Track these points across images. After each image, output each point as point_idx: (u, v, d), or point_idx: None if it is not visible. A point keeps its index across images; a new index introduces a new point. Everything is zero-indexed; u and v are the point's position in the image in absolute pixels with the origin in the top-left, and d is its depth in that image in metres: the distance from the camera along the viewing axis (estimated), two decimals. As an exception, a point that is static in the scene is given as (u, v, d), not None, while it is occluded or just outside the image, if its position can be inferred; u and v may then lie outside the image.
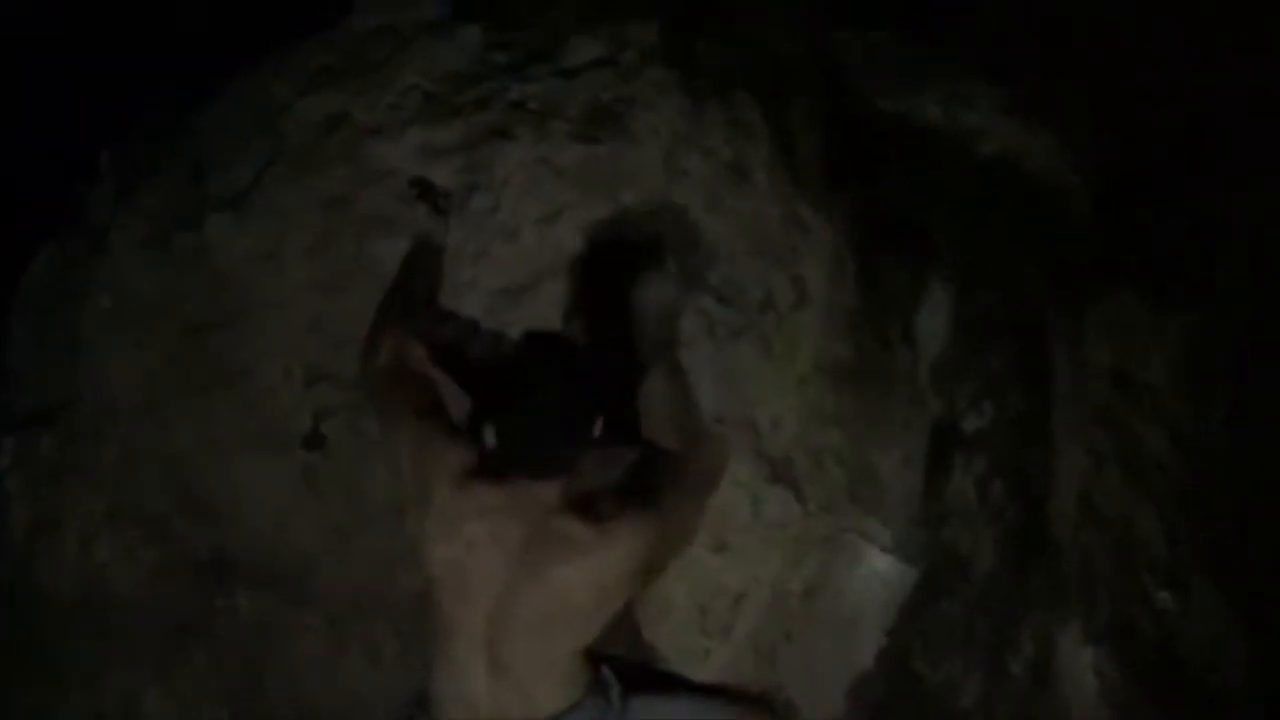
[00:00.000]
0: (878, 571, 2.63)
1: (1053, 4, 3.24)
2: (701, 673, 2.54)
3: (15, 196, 3.13)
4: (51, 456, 2.78)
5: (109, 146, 3.02)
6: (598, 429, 2.03)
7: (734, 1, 2.82)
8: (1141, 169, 3.22)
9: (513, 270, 2.47)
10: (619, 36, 2.55)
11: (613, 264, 2.38)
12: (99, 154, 3.03)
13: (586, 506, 1.95)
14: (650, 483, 2.01)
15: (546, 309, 2.45)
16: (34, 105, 3.43)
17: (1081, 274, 3.12)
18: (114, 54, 3.28)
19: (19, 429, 2.82)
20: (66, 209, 3.03)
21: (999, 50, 3.11)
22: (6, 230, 3.05)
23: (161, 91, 2.97)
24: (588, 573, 1.92)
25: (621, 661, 2.18)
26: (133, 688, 2.74)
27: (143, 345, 2.69)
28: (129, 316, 2.71)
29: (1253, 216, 3.30)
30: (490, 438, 2.05)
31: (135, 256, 2.71)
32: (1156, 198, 3.32)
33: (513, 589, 1.94)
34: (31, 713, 2.82)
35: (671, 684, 2.40)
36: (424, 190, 2.44)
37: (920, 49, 3.11)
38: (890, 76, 3.03)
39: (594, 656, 2.10)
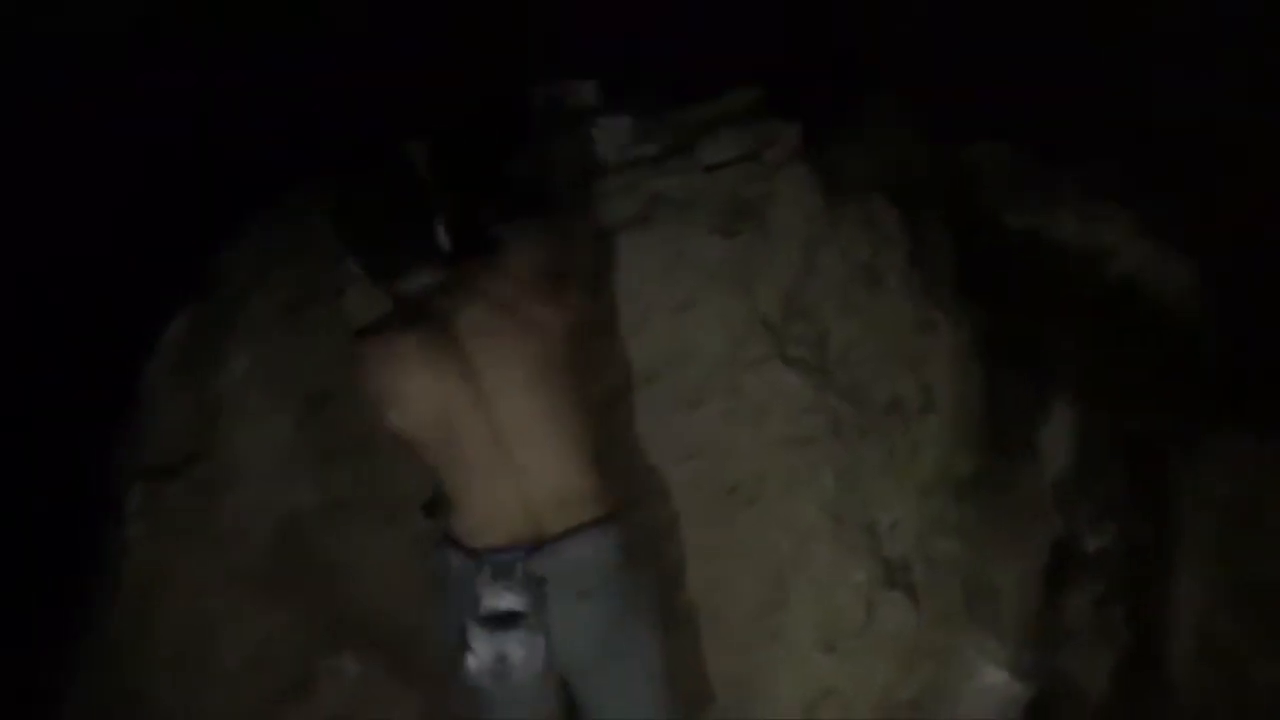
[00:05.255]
0: (990, 688, 2.57)
1: (1196, 131, 3.24)
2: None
3: (160, 257, 3.27)
4: (175, 509, 2.83)
5: (253, 214, 3.13)
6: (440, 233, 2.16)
7: (873, 111, 2.87)
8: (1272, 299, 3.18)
9: (642, 356, 2.50)
10: (762, 134, 2.61)
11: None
12: (242, 221, 3.14)
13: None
14: None
15: (672, 396, 2.47)
16: (180, 169, 3.58)
17: (1205, 403, 3.07)
18: (264, 122, 3.42)
19: (146, 479, 2.89)
20: (207, 272, 3.14)
21: (1137, 170, 3.11)
22: (150, 289, 3.17)
23: (310, 162, 3.08)
24: (497, 284, 2.11)
25: None
26: (229, 743, 2.75)
27: (274, 409, 2.75)
28: (262, 380, 2.78)
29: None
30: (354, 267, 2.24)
31: (273, 323, 2.79)
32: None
33: (469, 365, 2.08)
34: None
35: None
36: None
37: (1056, 165, 3.12)
38: (1024, 191, 3.05)
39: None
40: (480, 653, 2.05)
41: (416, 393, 2.11)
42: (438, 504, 2.57)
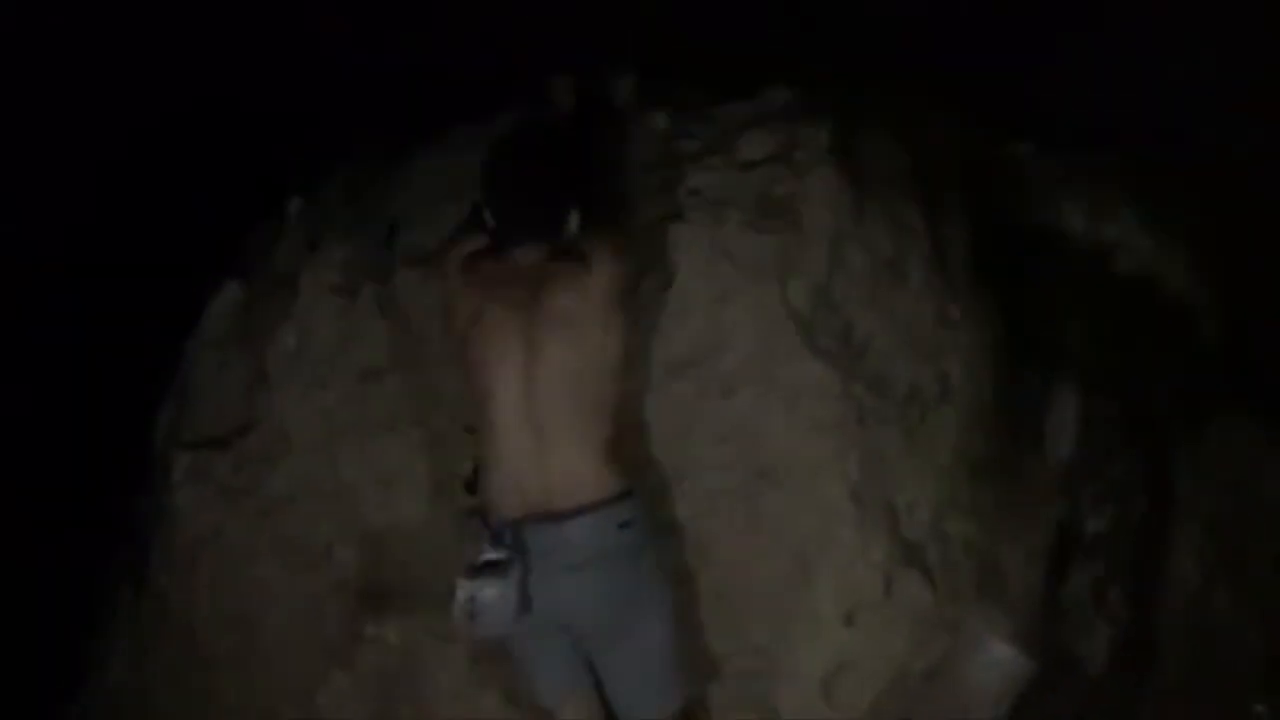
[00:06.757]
0: (998, 661, 2.72)
1: (1201, 129, 3.37)
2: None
3: (201, 232, 3.38)
4: (223, 479, 2.96)
5: (298, 193, 3.24)
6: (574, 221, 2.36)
7: (894, 111, 2.99)
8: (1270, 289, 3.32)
9: (680, 345, 2.64)
10: (792, 135, 2.73)
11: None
12: (287, 200, 3.25)
13: (569, 254, 2.34)
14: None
15: (711, 382, 2.61)
16: (225, 147, 3.67)
17: (1207, 391, 3.22)
18: (309, 102, 3.52)
19: (194, 449, 3.02)
20: (251, 249, 3.26)
21: (1141, 167, 3.25)
22: (193, 262, 3.28)
23: (354, 145, 3.20)
24: (583, 291, 2.28)
25: None
26: (273, 705, 2.89)
27: (322, 384, 2.87)
28: (311, 357, 2.90)
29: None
30: (489, 219, 2.38)
31: (323, 302, 2.91)
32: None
33: (534, 345, 2.29)
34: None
35: None
36: None
37: (1063, 162, 3.25)
38: (1033, 187, 3.18)
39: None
40: (458, 596, 2.29)
41: (484, 314, 2.34)
42: (478, 480, 2.71)
